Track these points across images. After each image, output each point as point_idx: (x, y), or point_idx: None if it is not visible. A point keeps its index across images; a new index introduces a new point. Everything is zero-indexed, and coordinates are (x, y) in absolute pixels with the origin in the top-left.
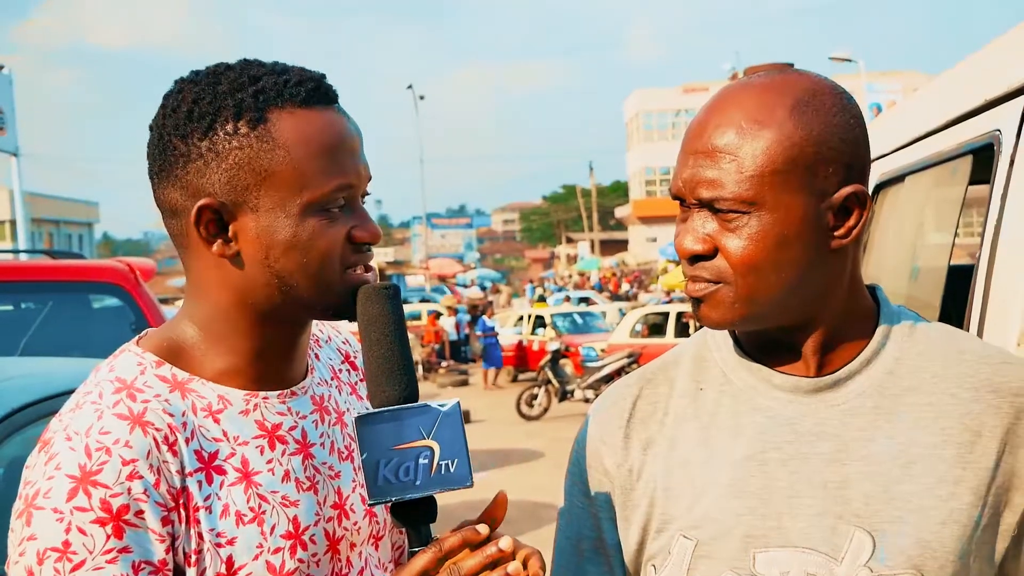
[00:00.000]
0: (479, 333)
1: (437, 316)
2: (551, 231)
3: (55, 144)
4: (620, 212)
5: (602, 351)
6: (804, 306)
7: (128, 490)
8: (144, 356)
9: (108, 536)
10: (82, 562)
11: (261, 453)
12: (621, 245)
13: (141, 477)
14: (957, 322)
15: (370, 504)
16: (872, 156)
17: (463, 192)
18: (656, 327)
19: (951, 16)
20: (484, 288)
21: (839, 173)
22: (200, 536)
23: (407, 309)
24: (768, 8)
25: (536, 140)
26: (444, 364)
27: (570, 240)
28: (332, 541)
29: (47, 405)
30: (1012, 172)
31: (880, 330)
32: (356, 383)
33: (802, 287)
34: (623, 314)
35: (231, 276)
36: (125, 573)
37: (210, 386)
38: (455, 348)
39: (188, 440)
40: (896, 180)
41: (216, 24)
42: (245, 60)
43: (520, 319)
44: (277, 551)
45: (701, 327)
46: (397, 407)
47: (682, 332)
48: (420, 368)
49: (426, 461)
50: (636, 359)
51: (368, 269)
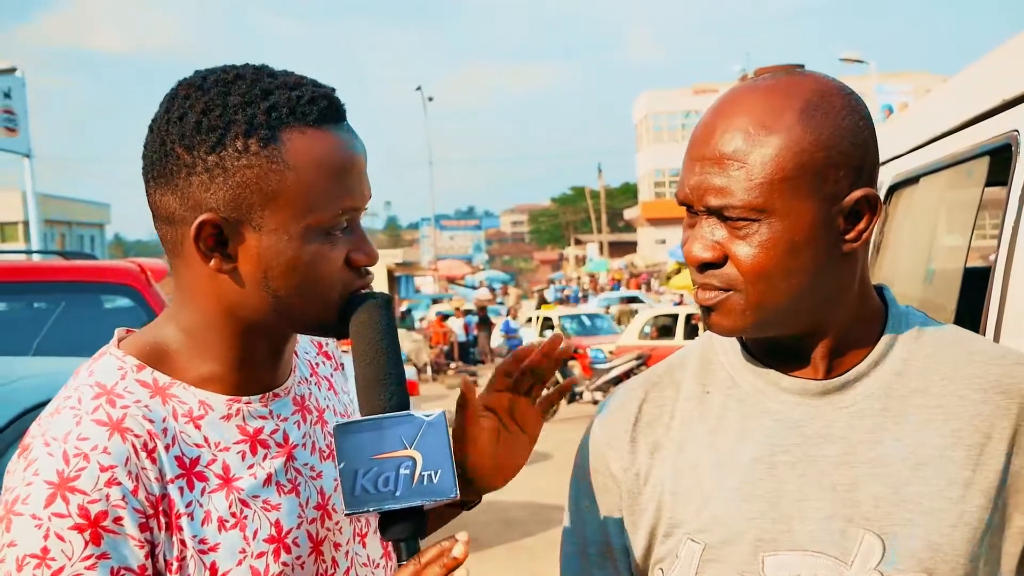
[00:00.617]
0: (503, 334)
1: (445, 318)
2: (560, 233)
3: (67, 146)
4: (629, 214)
5: (610, 353)
6: (815, 311)
7: (106, 496)
8: (125, 360)
9: (86, 543)
10: (60, 568)
11: (243, 458)
12: (630, 247)
13: (119, 483)
14: (973, 325)
15: (347, 514)
16: (887, 157)
17: (472, 194)
18: (665, 329)
19: (962, 17)
20: (494, 289)
21: (849, 177)
22: (183, 543)
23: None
24: (778, 9)
25: (545, 141)
26: (452, 365)
27: (579, 242)
28: (315, 542)
29: None
30: None
31: (888, 331)
32: (331, 374)
33: (813, 293)
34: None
35: (225, 290)
36: None
37: (192, 391)
38: (463, 349)
39: (168, 447)
40: (911, 181)
41: (224, 27)
42: (255, 68)
43: (528, 321)
44: (260, 555)
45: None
46: (378, 416)
47: (691, 334)
48: (429, 370)
49: (408, 471)
50: (645, 361)
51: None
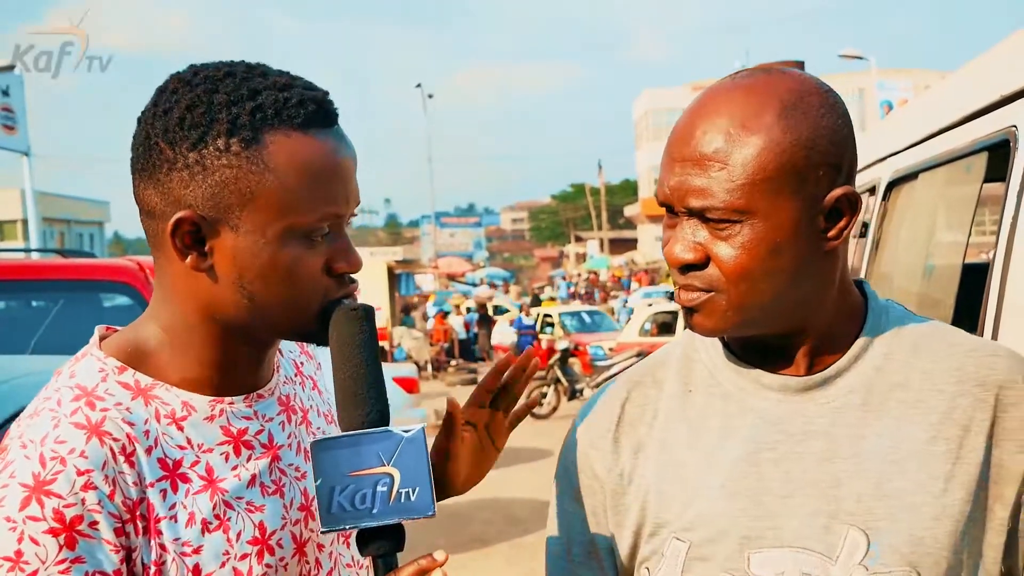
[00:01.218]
0: (516, 331)
1: (445, 315)
2: (560, 230)
3: (66, 144)
4: (629, 211)
5: (610, 350)
6: (797, 310)
7: (82, 500)
8: (106, 361)
9: (60, 547)
10: (34, 572)
11: (226, 460)
12: (630, 244)
13: (95, 488)
14: (971, 321)
15: (323, 531)
16: (886, 153)
17: (472, 191)
18: (665, 326)
19: (961, 13)
20: (495, 285)
21: (829, 175)
22: (163, 547)
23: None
24: (777, 6)
25: (545, 139)
26: (453, 363)
27: (579, 239)
28: (299, 544)
29: None
30: None
31: (868, 326)
32: (315, 373)
33: (795, 292)
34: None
35: (201, 289)
36: None
37: (174, 392)
38: (464, 347)
39: (150, 449)
40: (910, 177)
41: (227, 26)
42: (248, 66)
43: (515, 320)
44: (244, 557)
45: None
46: (356, 432)
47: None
48: (429, 367)
49: (385, 489)
50: (644, 358)
51: (351, 298)
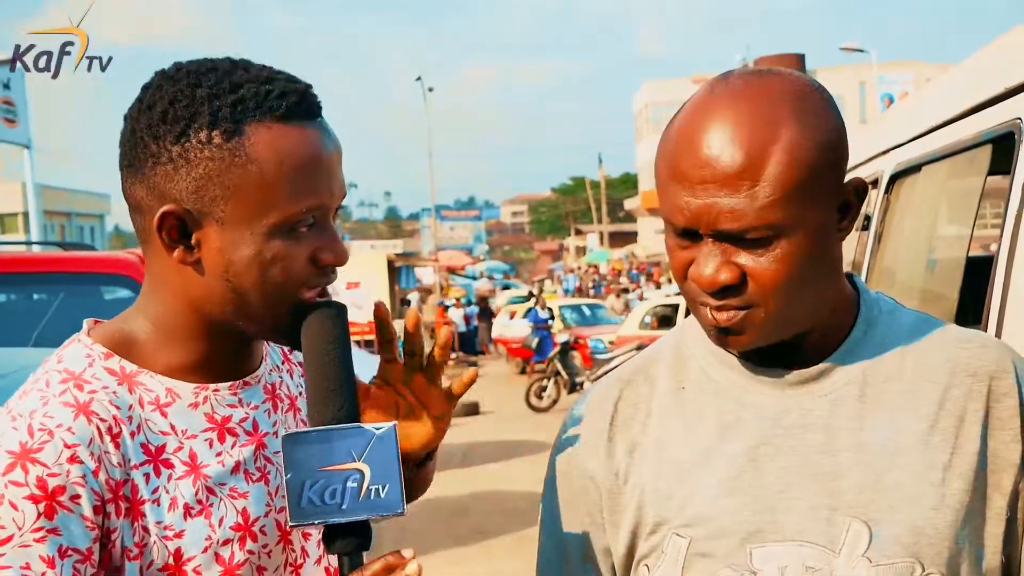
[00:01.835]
0: (531, 324)
1: (446, 308)
2: (560, 223)
3: (67, 137)
4: (629, 204)
5: (610, 343)
6: (818, 309)
7: (67, 472)
8: (93, 348)
9: (39, 515)
10: (8, 537)
11: (210, 446)
12: (630, 237)
13: (81, 462)
14: (976, 314)
15: (291, 526)
16: (888, 146)
17: (472, 184)
18: (665, 319)
19: (963, 5)
20: (507, 284)
21: (840, 170)
22: (145, 529)
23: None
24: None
25: (545, 132)
26: (454, 356)
27: (579, 232)
28: (284, 532)
29: None
30: None
31: (862, 318)
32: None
33: (826, 291)
34: None
35: (188, 282)
36: (52, 555)
37: (159, 379)
38: (464, 340)
39: (134, 433)
40: (913, 170)
41: (228, 20)
42: (231, 61)
43: (528, 312)
44: (226, 543)
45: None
46: (327, 427)
47: None
48: None
49: (355, 485)
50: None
51: (324, 294)
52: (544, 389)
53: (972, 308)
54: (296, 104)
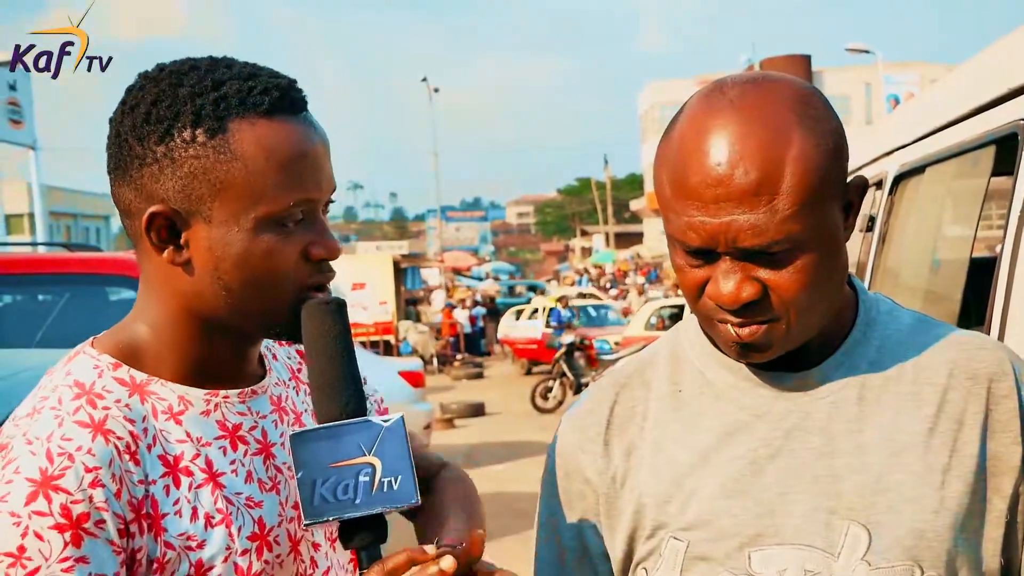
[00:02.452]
0: (554, 324)
1: (452, 309)
2: (566, 224)
3: (73, 138)
4: (635, 205)
5: (616, 344)
6: (830, 312)
7: (90, 498)
8: (100, 358)
9: (66, 543)
10: (36, 569)
11: (224, 454)
12: (636, 238)
13: (103, 485)
14: (979, 315)
15: (306, 524)
16: (892, 147)
17: (477, 185)
18: (671, 320)
19: (968, 6)
20: (501, 278)
21: (845, 171)
22: (168, 544)
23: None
24: None
25: (550, 133)
26: (459, 357)
27: (585, 233)
28: (294, 542)
29: None
30: None
31: (860, 320)
32: None
33: (838, 294)
34: None
35: (180, 283)
36: None
37: (170, 386)
38: (470, 341)
39: (150, 446)
40: (917, 171)
41: (231, 17)
42: (212, 60)
43: (535, 312)
44: (244, 553)
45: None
46: (334, 424)
47: None
48: (435, 361)
49: (367, 478)
50: None
51: (323, 290)
52: (550, 390)
53: (976, 309)
54: (279, 99)
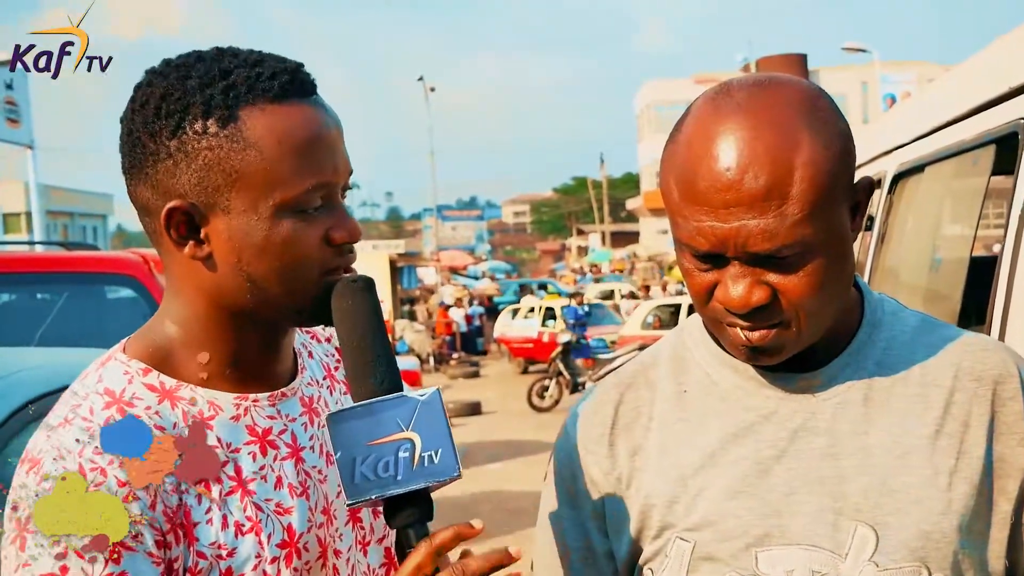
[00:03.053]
0: (570, 321)
1: (447, 308)
2: (562, 223)
3: (70, 137)
4: (631, 204)
5: (613, 343)
6: (838, 314)
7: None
8: (130, 364)
9: (107, 561)
10: None
11: (253, 459)
12: (632, 237)
13: (138, 499)
14: (979, 314)
15: (349, 505)
16: (891, 146)
17: (474, 184)
18: (668, 319)
19: (966, 5)
20: (516, 284)
21: (852, 173)
22: (200, 553)
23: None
24: None
25: (547, 132)
26: (455, 356)
27: (581, 232)
28: (323, 548)
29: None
30: None
31: (866, 321)
32: None
33: (845, 296)
34: None
35: (204, 278)
36: None
37: (199, 392)
38: (466, 340)
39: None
40: (916, 170)
41: (230, 16)
42: (218, 50)
43: (531, 311)
44: (274, 561)
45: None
46: (370, 401)
47: None
48: (432, 360)
49: (407, 454)
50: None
51: (349, 271)
52: (546, 389)
53: (976, 308)
54: (288, 83)
